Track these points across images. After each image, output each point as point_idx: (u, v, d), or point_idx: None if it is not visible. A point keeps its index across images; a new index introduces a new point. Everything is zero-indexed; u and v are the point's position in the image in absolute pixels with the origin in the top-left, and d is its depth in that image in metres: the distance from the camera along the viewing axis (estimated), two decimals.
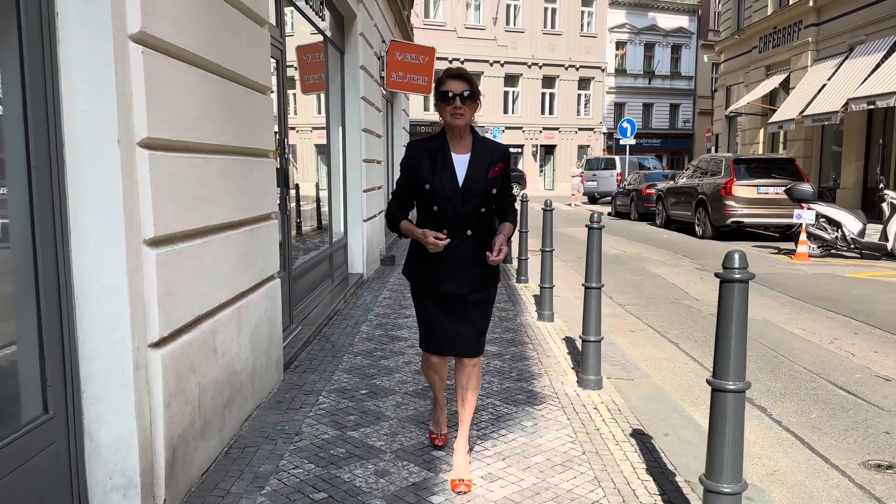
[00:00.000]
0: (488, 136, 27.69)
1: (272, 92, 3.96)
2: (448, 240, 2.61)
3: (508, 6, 34.19)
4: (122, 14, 2.20)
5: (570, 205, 24.70)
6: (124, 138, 2.21)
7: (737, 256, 2.08)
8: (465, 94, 2.63)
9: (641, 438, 3.32)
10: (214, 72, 2.92)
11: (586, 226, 4.10)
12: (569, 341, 5.13)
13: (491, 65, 33.81)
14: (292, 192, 5.70)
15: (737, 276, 2.06)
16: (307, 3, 5.77)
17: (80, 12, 2.14)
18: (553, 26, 35.17)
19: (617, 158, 26.29)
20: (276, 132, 4.51)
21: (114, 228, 2.20)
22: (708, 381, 2.17)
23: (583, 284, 4.09)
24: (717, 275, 2.15)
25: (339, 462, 2.98)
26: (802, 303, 7.14)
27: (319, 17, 6.26)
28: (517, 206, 3.17)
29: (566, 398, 3.86)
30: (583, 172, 26.34)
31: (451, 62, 31.52)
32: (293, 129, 5.88)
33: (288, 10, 5.26)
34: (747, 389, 2.13)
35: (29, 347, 2.12)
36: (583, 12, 35.65)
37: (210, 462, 2.89)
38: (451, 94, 2.63)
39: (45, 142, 2.09)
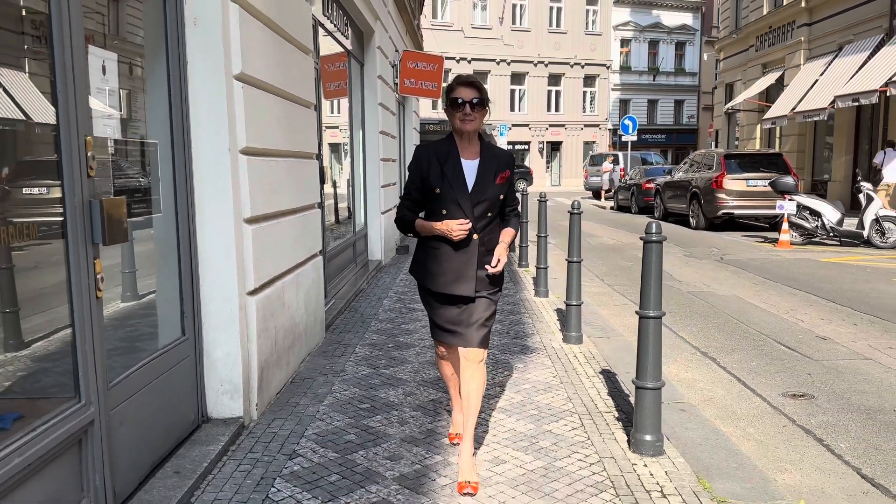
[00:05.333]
0: (495, 133, 28.57)
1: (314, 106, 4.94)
2: (470, 223, 2.67)
3: (514, 6, 35.06)
4: (229, 61, 3.17)
5: (606, 194, 24.84)
6: (232, 148, 3.19)
7: (654, 225, 3.02)
8: (475, 101, 2.68)
9: (608, 375, 4.28)
10: (280, 95, 3.89)
11: (568, 212, 5.05)
12: (559, 311, 6.07)
13: (497, 63, 34.73)
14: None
15: (654, 238, 3.01)
16: (334, 25, 6.74)
17: (201, 61, 3.11)
18: (558, 25, 36.04)
19: (620, 154, 27.09)
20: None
21: (225, 210, 3.18)
22: (636, 312, 3.12)
23: (566, 259, 5.04)
24: (641, 238, 3.11)
25: (376, 387, 3.96)
26: (773, 283, 8.05)
27: (344, 35, 7.23)
28: (519, 207, 3.11)
29: (552, 349, 4.81)
30: (614, 166, 25.94)
31: (458, 62, 32.57)
32: None
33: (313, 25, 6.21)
34: (663, 317, 3.08)
35: (171, 290, 3.10)
36: (587, 11, 36.49)
37: (281, 387, 3.87)
38: (461, 101, 2.68)
39: (182, 150, 3.07)
